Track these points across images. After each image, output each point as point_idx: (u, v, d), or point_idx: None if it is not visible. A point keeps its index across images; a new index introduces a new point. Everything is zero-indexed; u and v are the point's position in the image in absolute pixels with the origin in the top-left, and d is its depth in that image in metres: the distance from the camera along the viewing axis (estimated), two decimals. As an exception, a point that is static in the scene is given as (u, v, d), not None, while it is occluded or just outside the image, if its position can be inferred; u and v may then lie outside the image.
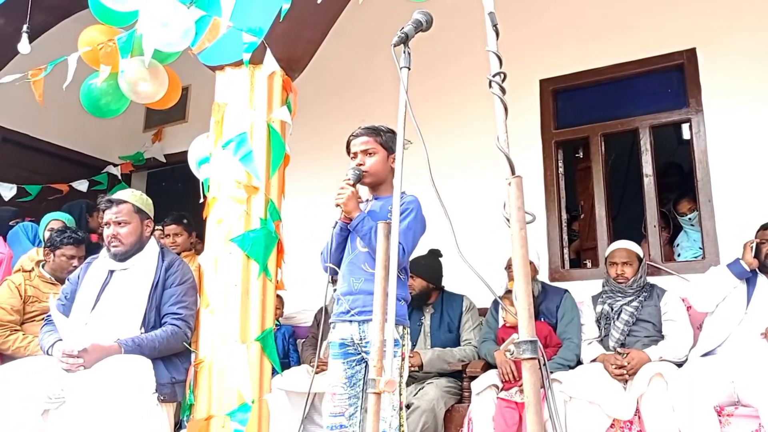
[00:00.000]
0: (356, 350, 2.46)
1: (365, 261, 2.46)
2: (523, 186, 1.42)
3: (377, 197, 2.61)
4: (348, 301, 2.45)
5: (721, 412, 2.82)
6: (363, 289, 2.42)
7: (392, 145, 2.58)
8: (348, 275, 2.50)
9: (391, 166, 2.59)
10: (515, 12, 4.67)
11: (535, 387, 1.28)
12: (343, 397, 2.44)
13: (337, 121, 4.78)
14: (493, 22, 1.62)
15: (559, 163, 4.50)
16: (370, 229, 2.38)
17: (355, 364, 2.46)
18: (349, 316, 2.43)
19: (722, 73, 4.02)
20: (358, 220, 2.43)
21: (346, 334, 2.45)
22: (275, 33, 3.00)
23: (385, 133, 2.59)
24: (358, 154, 2.56)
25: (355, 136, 2.61)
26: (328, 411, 2.44)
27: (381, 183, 2.60)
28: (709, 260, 3.80)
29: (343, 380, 2.45)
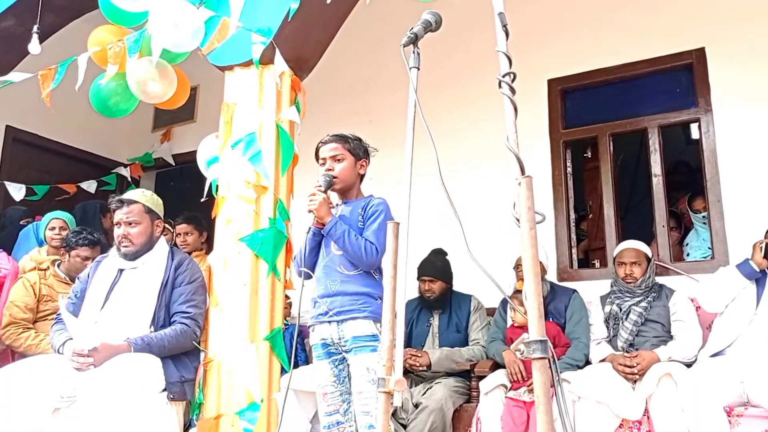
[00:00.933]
0: (337, 350, 2.55)
1: (340, 263, 2.56)
2: (533, 186, 1.42)
3: (346, 202, 2.71)
4: (326, 303, 2.54)
5: (731, 412, 2.81)
6: (340, 290, 2.53)
7: (359, 152, 2.70)
8: (324, 278, 2.59)
9: (359, 173, 2.72)
10: (523, 11, 4.67)
11: (545, 386, 1.28)
12: (335, 394, 2.54)
13: (346, 120, 4.79)
14: (503, 23, 1.62)
15: (567, 163, 4.50)
16: (344, 233, 2.50)
17: (339, 363, 2.56)
18: (327, 317, 2.53)
19: (732, 72, 4.00)
20: (331, 224, 2.53)
21: (326, 335, 2.55)
22: (284, 33, 3.01)
23: (353, 140, 2.70)
24: (327, 160, 2.66)
25: (323, 143, 2.70)
26: (323, 411, 2.55)
27: (349, 189, 2.71)
28: (718, 260, 3.79)
29: (332, 379, 2.55)
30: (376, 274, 2.60)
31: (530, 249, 1.37)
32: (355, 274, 2.55)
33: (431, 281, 3.83)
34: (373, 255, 2.51)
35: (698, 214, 4.38)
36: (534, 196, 1.41)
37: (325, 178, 2.62)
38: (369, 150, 2.78)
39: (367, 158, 2.75)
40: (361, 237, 2.53)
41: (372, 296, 2.53)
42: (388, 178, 3.24)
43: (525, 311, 3.68)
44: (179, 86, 3.42)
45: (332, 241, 2.57)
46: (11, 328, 3.53)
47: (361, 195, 2.75)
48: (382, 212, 2.59)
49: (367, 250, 2.50)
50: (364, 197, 2.73)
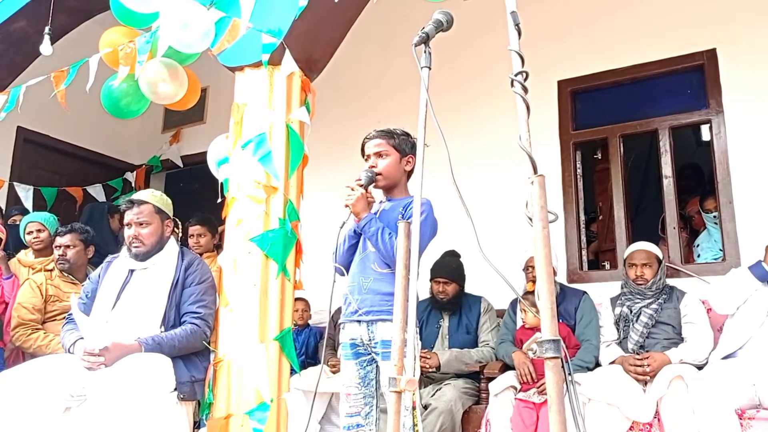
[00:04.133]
0: (366, 350, 2.48)
1: (375, 261, 2.49)
2: (545, 185, 1.41)
3: (390, 199, 2.63)
4: (356, 300, 2.47)
5: (743, 415, 2.79)
6: (372, 288, 2.46)
7: (406, 148, 2.60)
8: (358, 274, 2.53)
9: (405, 169, 2.62)
10: (533, 12, 4.65)
11: (558, 386, 1.28)
12: (358, 396, 2.47)
13: (356, 121, 4.80)
14: (516, 22, 1.62)
15: (577, 164, 4.48)
16: (377, 230, 2.43)
17: (367, 364, 2.49)
18: (357, 316, 2.46)
19: (743, 74, 3.98)
20: (365, 221, 2.46)
21: (356, 335, 2.48)
22: (294, 34, 3.02)
23: (399, 135, 2.61)
24: (371, 156, 2.59)
25: (369, 139, 2.63)
26: (344, 411, 2.47)
27: (394, 186, 2.62)
28: (730, 262, 3.77)
29: (356, 380, 2.48)
30: None
31: (543, 249, 1.36)
32: (389, 273, 2.46)
33: (445, 283, 3.82)
34: None
35: (710, 214, 4.35)
36: (546, 196, 1.41)
37: (367, 174, 2.54)
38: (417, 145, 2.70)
39: (415, 154, 2.66)
40: (396, 236, 2.48)
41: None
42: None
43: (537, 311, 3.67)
44: (190, 87, 3.44)
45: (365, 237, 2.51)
46: (20, 329, 3.54)
47: (407, 193, 2.66)
48: (424, 212, 2.47)
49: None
50: (410, 195, 2.63)
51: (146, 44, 3.23)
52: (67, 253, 3.77)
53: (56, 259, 3.80)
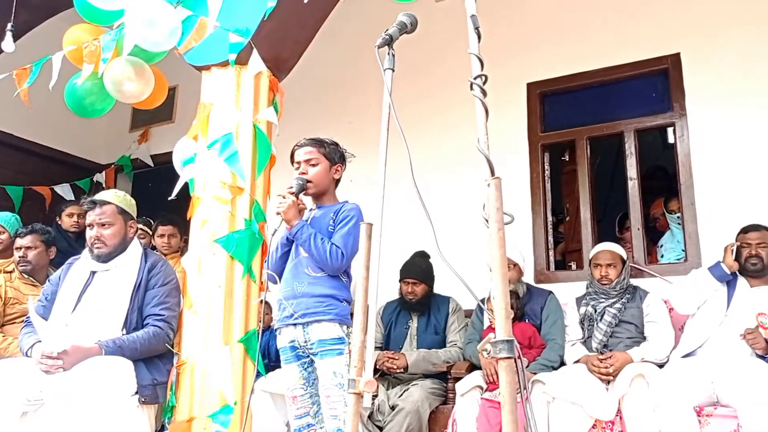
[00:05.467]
0: (305, 353, 2.55)
1: (308, 265, 2.57)
2: (502, 187, 1.43)
3: (320, 206, 2.71)
4: (291, 305, 2.54)
5: (701, 412, 2.85)
6: (306, 292, 2.54)
7: (335, 157, 2.71)
8: (291, 279, 2.60)
9: (333, 177, 2.73)
10: (503, 15, 4.71)
11: (511, 386, 1.29)
12: (305, 397, 2.55)
13: (325, 122, 4.79)
14: (475, 25, 1.63)
15: (545, 166, 4.53)
16: (310, 237, 2.52)
17: (308, 365, 2.57)
18: (293, 319, 2.53)
19: (706, 78, 4.06)
20: (297, 228, 2.55)
21: (293, 338, 2.56)
22: (262, 33, 3.00)
23: (329, 145, 2.71)
24: (302, 164, 2.67)
25: (299, 146, 2.71)
26: (293, 414, 2.54)
27: (323, 193, 2.72)
28: (692, 262, 3.84)
29: (301, 381, 2.56)
30: (343, 277, 2.61)
31: (499, 250, 1.38)
32: (322, 277, 2.56)
33: (414, 283, 3.84)
34: (339, 259, 2.52)
35: (674, 215, 4.44)
36: (509, 198, 1.42)
37: (298, 181, 2.64)
38: (345, 155, 2.78)
39: (343, 163, 2.76)
40: (328, 241, 2.54)
41: (338, 299, 2.55)
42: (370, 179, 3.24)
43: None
44: (157, 86, 3.39)
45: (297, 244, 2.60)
46: (-22, 333, 3.47)
47: (335, 200, 2.76)
48: (353, 218, 2.59)
49: (332, 254, 2.51)
50: (339, 202, 2.74)
51: (111, 42, 3.18)
52: (28, 255, 3.70)
53: (17, 260, 3.73)
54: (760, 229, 3.31)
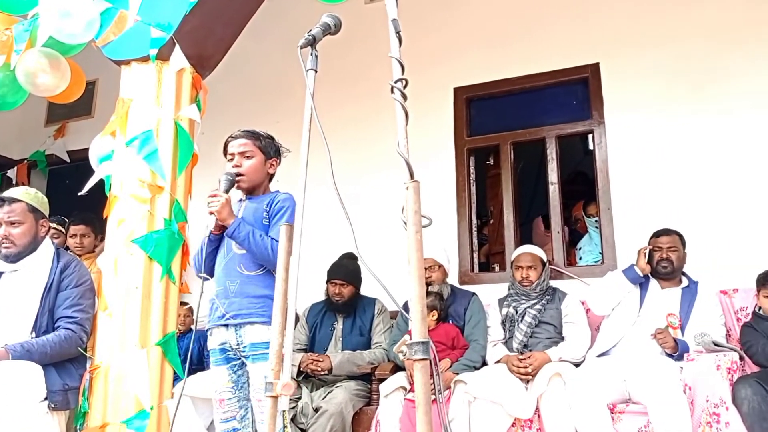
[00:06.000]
0: (236, 355, 2.47)
1: (241, 263, 2.48)
2: (420, 190, 1.44)
3: (250, 198, 2.62)
4: (223, 305, 2.45)
5: (614, 409, 2.96)
6: (239, 291, 2.44)
7: (270, 151, 2.63)
8: (223, 278, 2.50)
9: (268, 172, 2.64)
10: (432, 21, 4.77)
11: (425, 387, 1.31)
12: (233, 401, 2.47)
13: (253, 121, 4.63)
14: (396, 29, 1.64)
15: (470, 170, 4.62)
16: (248, 234, 2.41)
17: (238, 368, 2.49)
18: (224, 320, 2.44)
19: (623, 87, 4.23)
20: (234, 226, 2.44)
21: (224, 339, 2.47)
22: (185, 29, 2.94)
23: (265, 138, 2.63)
24: (236, 156, 2.57)
25: (233, 138, 2.62)
26: (219, 418, 2.47)
27: (256, 187, 2.63)
28: (608, 265, 3.99)
29: (229, 385, 2.47)
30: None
31: (416, 252, 1.39)
32: (256, 275, 2.46)
33: (342, 285, 3.83)
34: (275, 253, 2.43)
35: (592, 219, 4.60)
36: (430, 200, 1.44)
37: (227, 178, 2.53)
38: (281, 150, 2.71)
39: (278, 158, 2.68)
40: (267, 236, 2.45)
41: (272, 299, 2.47)
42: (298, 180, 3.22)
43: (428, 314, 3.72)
44: (73, 79, 3.28)
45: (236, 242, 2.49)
46: None
47: (267, 191, 2.67)
48: (289, 208, 2.50)
49: (274, 249, 2.38)
50: (270, 192, 2.65)
51: (25, 32, 3.06)
52: None
53: None
54: (671, 234, 3.47)
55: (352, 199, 4.20)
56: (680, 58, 4.10)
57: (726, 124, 3.94)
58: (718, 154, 3.92)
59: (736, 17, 4.02)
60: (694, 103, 4.02)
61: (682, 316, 3.30)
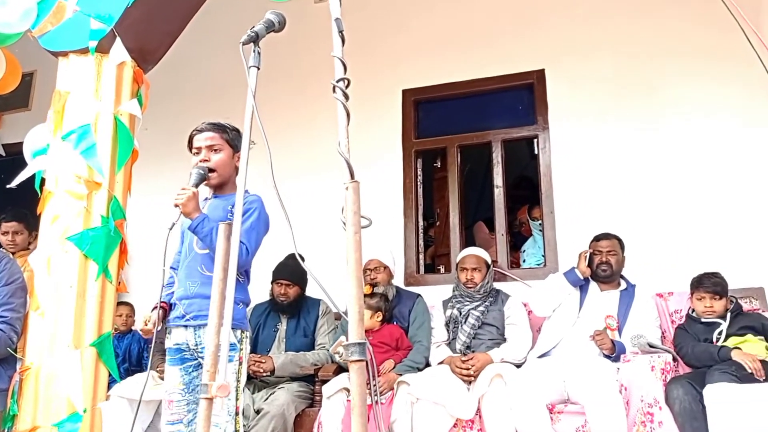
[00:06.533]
0: (193, 356, 2.40)
1: (202, 263, 2.40)
2: (359, 191, 1.44)
3: (217, 196, 2.55)
4: (183, 305, 2.38)
5: (553, 409, 3.02)
6: (199, 292, 2.37)
7: (237, 144, 2.54)
8: (184, 279, 2.43)
9: (236, 165, 2.54)
10: (382, 23, 4.78)
11: (361, 388, 1.30)
12: (181, 403, 2.38)
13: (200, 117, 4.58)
14: (339, 29, 1.63)
15: (417, 172, 4.64)
16: (211, 230, 2.32)
17: (192, 370, 2.41)
18: (184, 320, 2.37)
19: (567, 94, 4.33)
20: (198, 221, 2.35)
21: (182, 340, 2.40)
22: (127, 22, 2.87)
23: (231, 130, 2.55)
24: (203, 150, 2.49)
25: (199, 131, 2.52)
26: (166, 419, 2.38)
27: (225, 182, 2.55)
28: (550, 268, 4.07)
29: (180, 386, 2.39)
30: (241, 276, 2.43)
31: (354, 253, 1.38)
32: None
33: (287, 285, 3.79)
34: (243, 255, 2.31)
35: (536, 222, 4.68)
36: (361, 201, 1.43)
37: (198, 171, 2.44)
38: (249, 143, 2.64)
39: None
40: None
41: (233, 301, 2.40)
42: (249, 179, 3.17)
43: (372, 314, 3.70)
44: (8, 70, 3.17)
45: (198, 238, 2.40)
46: None
47: (235, 190, 2.59)
48: (256, 210, 2.43)
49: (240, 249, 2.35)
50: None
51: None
52: None
53: None
54: (610, 238, 3.55)
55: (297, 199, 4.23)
56: (620, 68, 4.22)
57: (661, 132, 4.07)
58: (655, 161, 4.05)
59: (670, 31, 4.15)
60: (632, 111, 4.15)
61: (619, 318, 3.39)
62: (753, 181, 3.82)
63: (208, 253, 2.38)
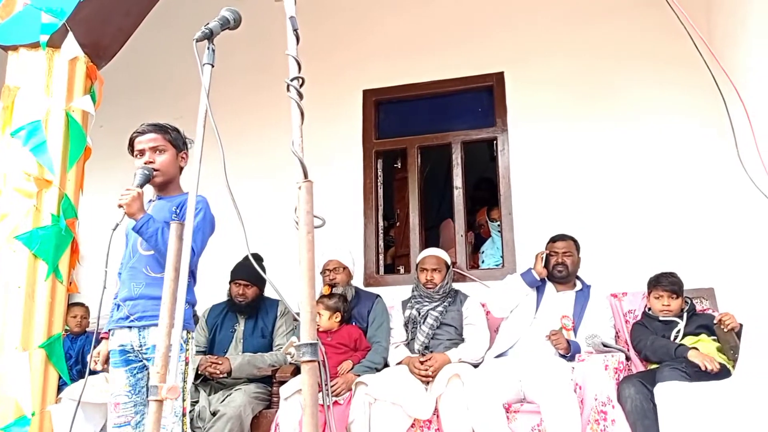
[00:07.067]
0: (137, 357, 2.38)
1: (147, 265, 2.41)
2: (313, 190, 1.43)
3: (161, 197, 2.55)
4: (127, 306, 2.37)
5: (509, 409, 3.05)
6: (144, 293, 2.37)
7: (179, 143, 2.57)
8: (128, 280, 2.42)
9: (180, 165, 2.58)
10: (343, 24, 4.77)
11: (312, 389, 1.29)
12: (128, 405, 2.38)
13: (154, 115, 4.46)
14: (294, 27, 1.62)
15: (378, 172, 4.64)
16: (156, 231, 2.33)
17: (138, 371, 2.40)
18: (128, 322, 2.36)
19: (526, 96, 4.38)
20: (142, 221, 2.34)
21: (126, 341, 2.38)
22: (80, 16, 2.81)
23: (173, 131, 2.57)
24: (146, 152, 2.49)
25: (140, 133, 2.52)
26: (113, 422, 2.35)
27: (170, 182, 2.55)
28: (508, 268, 4.11)
29: (126, 388, 2.38)
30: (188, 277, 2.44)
31: (307, 253, 1.38)
32: (162, 277, 2.38)
33: (246, 286, 3.76)
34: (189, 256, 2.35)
35: (495, 223, 4.73)
36: (314, 201, 1.42)
37: (143, 172, 2.43)
38: (187, 142, 2.63)
39: (187, 150, 2.61)
40: None
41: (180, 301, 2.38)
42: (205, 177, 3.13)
43: (331, 315, 3.68)
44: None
45: (143, 239, 2.38)
46: None
47: (180, 190, 2.59)
48: (202, 210, 2.43)
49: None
50: (183, 193, 2.56)
51: None
52: None
53: None
54: (566, 239, 3.61)
55: (255, 199, 4.19)
56: (576, 72, 4.29)
57: (616, 134, 4.15)
58: (610, 163, 4.13)
59: (625, 37, 4.23)
60: (588, 114, 4.22)
61: (575, 318, 3.43)
62: (703, 183, 3.92)
63: (153, 255, 2.39)
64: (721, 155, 3.78)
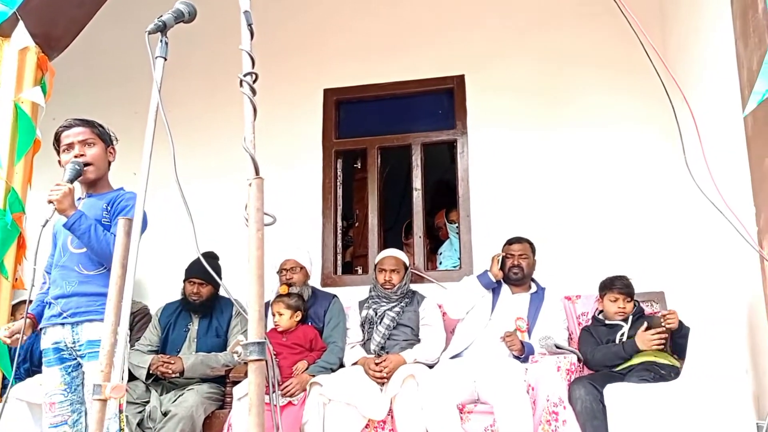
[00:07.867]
0: (72, 355, 2.36)
1: (79, 263, 2.38)
2: (263, 188, 1.41)
3: (91, 194, 2.51)
4: (60, 303, 2.34)
5: (463, 409, 3.07)
6: (77, 291, 2.35)
7: (107, 139, 2.54)
8: (60, 279, 2.39)
9: (109, 160, 2.55)
10: (305, 23, 4.74)
11: (259, 388, 1.28)
12: (65, 404, 2.35)
13: (109, 109, 4.43)
14: (249, 22, 1.60)
15: (338, 172, 4.63)
16: (89, 228, 2.30)
17: (72, 370, 2.37)
18: (61, 318, 2.33)
19: (485, 100, 4.41)
20: (74, 218, 2.30)
21: (59, 338, 2.35)
22: (31, 5, 2.75)
23: (99, 125, 2.54)
24: (75, 145, 2.44)
25: (67, 127, 2.47)
26: (49, 422, 2.32)
27: (100, 178, 2.52)
28: (465, 270, 4.14)
29: (62, 387, 2.35)
30: None
31: (256, 251, 1.36)
32: (96, 275, 2.36)
33: (201, 284, 3.71)
34: None
35: (453, 225, 4.75)
36: (264, 198, 1.40)
37: (74, 167, 2.38)
38: (112, 137, 2.59)
39: (114, 146, 2.57)
40: (109, 233, 2.33)
41: None
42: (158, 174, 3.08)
43: (292, 314, 3.64)
44: None
45: (74, 237, 2.34)
46: None
47: (110, 187, 2.55)
48: (133, 206, 2.34)
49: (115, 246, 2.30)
50: (113, 190, 2.53)
51: None
52: None
53: None
54: (522, 242, 3.65)
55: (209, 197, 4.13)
56: (534, 78, 4.33)
57: (571, 139, 4.21)
58: (566, 168, 4.19)
59: (581, 44, 4.30)
60: (545, 118, 4.27)
61: (529, 320, 3.48)
62: (654, 189, 4.01)
63: (85, 252, 2.35)
64: (671, 162, 3.86)
